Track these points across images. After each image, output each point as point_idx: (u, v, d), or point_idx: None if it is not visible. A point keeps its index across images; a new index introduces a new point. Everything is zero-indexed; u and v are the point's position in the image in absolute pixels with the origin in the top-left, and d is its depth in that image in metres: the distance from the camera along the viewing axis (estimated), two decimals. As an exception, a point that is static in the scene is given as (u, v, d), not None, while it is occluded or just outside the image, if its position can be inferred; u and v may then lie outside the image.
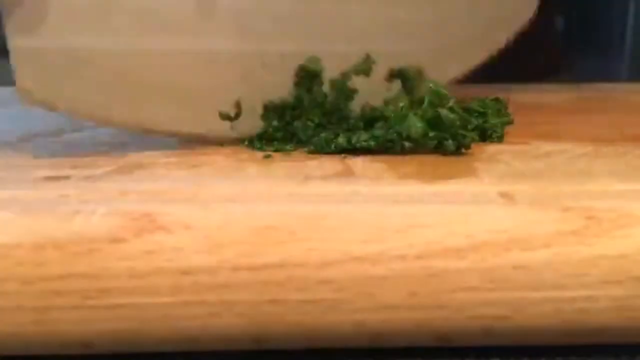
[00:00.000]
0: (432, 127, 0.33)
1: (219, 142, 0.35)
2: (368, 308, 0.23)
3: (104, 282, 0.23)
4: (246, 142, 0.35)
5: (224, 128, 0.35)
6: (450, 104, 0.34)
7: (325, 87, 0.37)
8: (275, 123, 0.36)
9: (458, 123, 0.33)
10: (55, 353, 0.24)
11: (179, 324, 0.23)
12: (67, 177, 0.28)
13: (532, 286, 0.23)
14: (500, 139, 0.35)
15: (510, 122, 0.37)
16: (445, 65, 0.40)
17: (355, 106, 0.37)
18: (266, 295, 0.23)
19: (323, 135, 0.34)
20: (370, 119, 0.35)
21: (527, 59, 0.61)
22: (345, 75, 0.37)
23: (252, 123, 0.36)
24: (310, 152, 0.33)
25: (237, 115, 0.35)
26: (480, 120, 0.36)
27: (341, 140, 0.33)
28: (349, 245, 0.23)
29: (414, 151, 0.33)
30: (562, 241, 0.23)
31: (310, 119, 0.36)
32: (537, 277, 0.23)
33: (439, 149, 0.33)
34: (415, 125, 0.33)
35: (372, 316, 0.23)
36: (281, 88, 0.36)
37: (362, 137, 0.33)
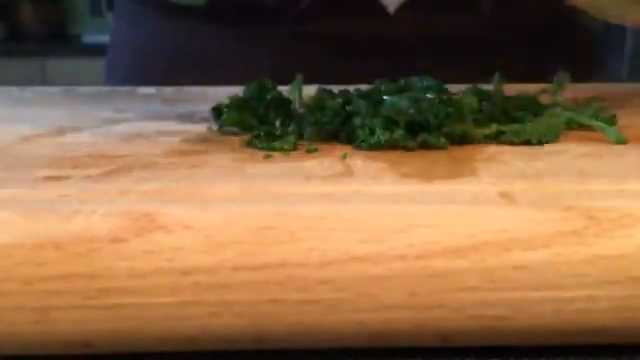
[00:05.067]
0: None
1: None
2: (368, 308, 0.23)
3: (104, 282, 0.23)
4: (246, 142, 0.35)
5: None
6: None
7: None
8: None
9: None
10: (55, 353, 0.24)
11: (179, 324, 0.23)
12: (67, 177, 0.28)
13: (532, 286, 0.23)
14: None
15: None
16: None
17: None
18: (266, 295, 0.23)
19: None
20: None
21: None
22: None
23: None
24: (310, 152, 0.33)
25: None
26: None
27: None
28: (349, 245, 0.23)
29: (414, 151, 0.33)
30: (563, 241, 0.23)
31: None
32: (537, 277, 0.23)
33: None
34: None
35: (372, 316, 0.23)
36: None
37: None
